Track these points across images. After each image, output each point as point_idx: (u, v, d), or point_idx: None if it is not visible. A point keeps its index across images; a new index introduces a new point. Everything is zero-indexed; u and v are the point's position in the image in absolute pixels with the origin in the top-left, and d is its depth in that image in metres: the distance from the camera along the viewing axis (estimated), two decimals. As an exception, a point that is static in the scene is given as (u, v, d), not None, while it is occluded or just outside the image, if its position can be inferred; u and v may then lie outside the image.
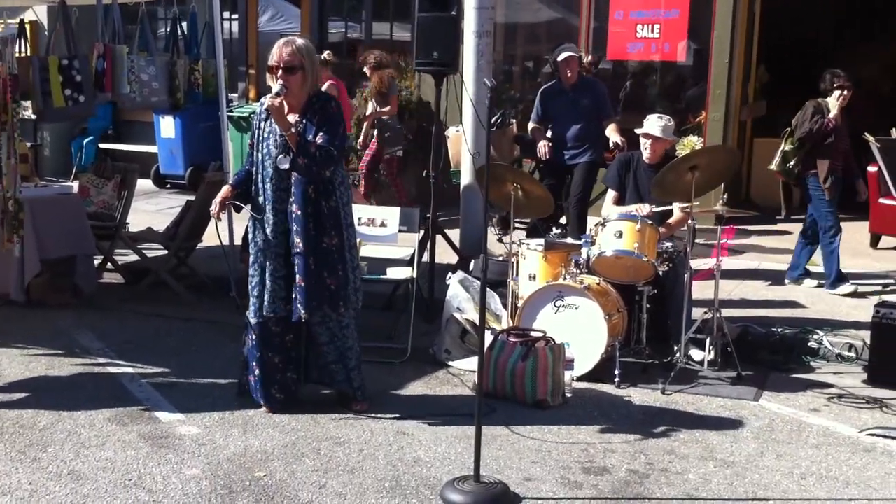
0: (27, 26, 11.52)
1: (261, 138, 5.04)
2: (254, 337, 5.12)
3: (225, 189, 5.16)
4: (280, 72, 4.86)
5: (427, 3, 7.12)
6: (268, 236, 5.01)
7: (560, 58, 8.03)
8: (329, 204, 4.96)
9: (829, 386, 5.73)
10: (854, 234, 9.46)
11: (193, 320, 6.94)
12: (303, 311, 4.98)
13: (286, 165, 4.89)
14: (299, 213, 4.92)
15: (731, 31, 9.88)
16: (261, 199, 5.02)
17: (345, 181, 5.09)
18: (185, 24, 8.72)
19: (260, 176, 5.02)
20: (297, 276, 4.96)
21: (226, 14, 12.34)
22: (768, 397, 5.54)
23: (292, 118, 4.91)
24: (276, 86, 4.85)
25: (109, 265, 7.93)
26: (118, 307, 7.25)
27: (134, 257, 7.89)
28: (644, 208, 6.21)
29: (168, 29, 9.53)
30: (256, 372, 5.16)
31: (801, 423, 5.17)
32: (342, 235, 5.02)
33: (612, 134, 7.96)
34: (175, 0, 8.41)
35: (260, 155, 5.03)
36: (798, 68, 13.68)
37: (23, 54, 6.53)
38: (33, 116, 7.04)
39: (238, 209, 5.25)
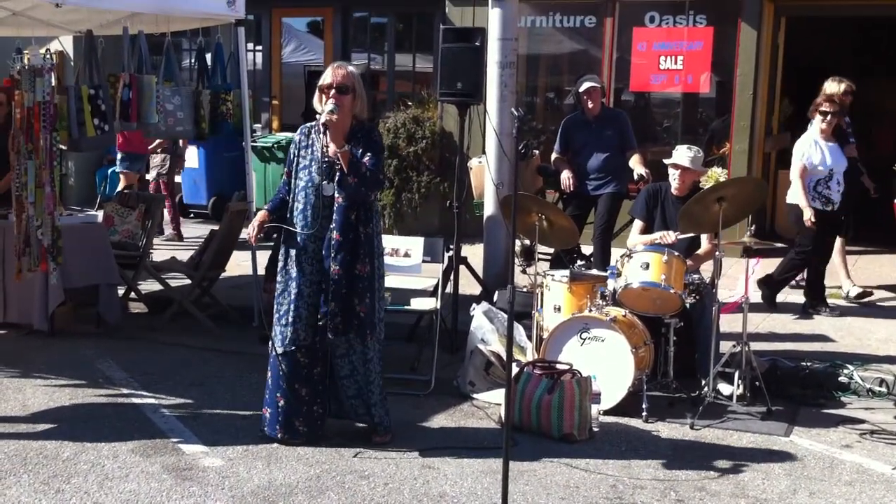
0: (53, 56, 11.63)
1: (300, 166, 5.04)
2: (281, 367, 5.08)
3: (262, 214, 5.13)
4: (333, 90, 4.90)
5: (451, 35, 7.15)
6: (304, 265, 4.99)
7: (582, 88, 8.02)
8: (366, 231, 4.99)
9: (861, 421, 5.63)
10: (882, 266, 9.39)
11: (217, 350, 6.92)
12: (331, 336, 4.96)
13: (331, 192, 4.92)
14: (340, 239, 4.92)
15: (754, 63, 9.86)
16: (299, 227, 5.01)
17: (378, 211, 5.12)
18: (209, 55, 8.75)
19: (299, 204, 5.01)
20: (332, 303, 4.93)
21: (250, 45, 12.42)
22: (799, 433, 5.45)
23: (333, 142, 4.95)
24: (328, 104, 4.88)
25: (133, 295, 7.94)
26: (142, 337, 7.24)
27: (157, 287, 7.88)
28: (670, 236, 6.16)
29: (193, 59, 9.59)
30: (280, 403, 5.10)
31: (834, 460, 5.07)
32: (374, 264, 5.02)
33: (637, 166, 7.93)
34: (200, 31, 8.46)
35: (301, 182, 5.02)
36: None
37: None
38: (63, 147, 7.07)
39: (276, 234, 5.23)
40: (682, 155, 6.43)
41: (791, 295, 8.33)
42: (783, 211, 10.88)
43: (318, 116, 4.94)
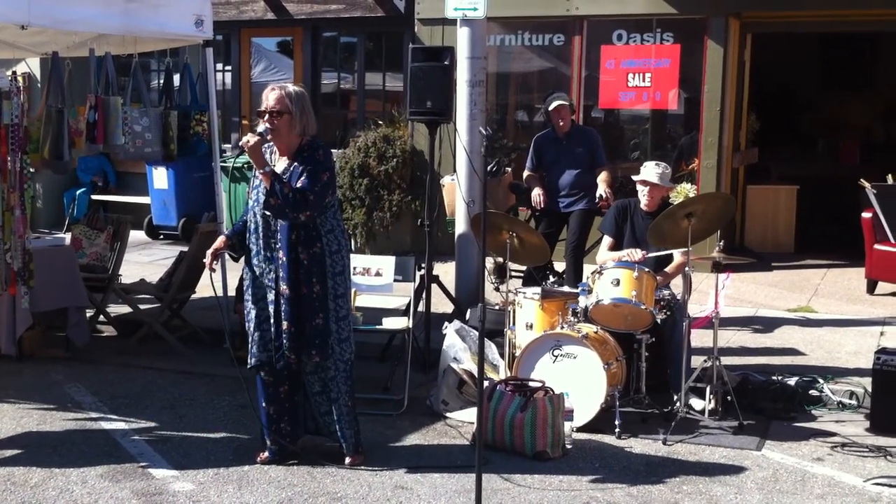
0: (20, 78, 11.52)
1: (254, 185, 5.05)
2: (256, 384, 5.13)
3: (219, 240, 5.18)
4: (267, 115, 4.92)
5: (420, 54, 7.17)
6: (255, 286, 5.02)
7: (551, 107, 8.02)
8: (312, 251, 4.93)
9: (832, 434, 5.65)
10: (850, 279, 9.47)
11: (187, 373, 6.86)
12: (289, 356, 4.93)
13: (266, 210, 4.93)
14: (285, 259, 4.90)
15: (721, 79, 9.94)
16: (253, 247, 5.03)
17: (335, 230, 5.01)
18: (177, 76, 8.70)
19: (251, 224, 5.04)
20: (284, 322, 4.93)
21: (219, 65, 12.38)
22: (771, 446, 5.47)
23: (284, 163, 4.97)
24: (259, 127, 4.91)
25: (102, 317, 7.86)
26: (111, 360, 7.16)
27: (127, 309, 7.81)
28: (637, 254, 6.18)
29: (161, 80, 9.54)
30: (263, 418, 5.17)
31: (806, 473, 5.09)
32: (325, 284, 4.96)
33: (600, 183, 7.90)
34: (168, 52, 8.42)
35: (250, 202, 5.06)
36: (785, 116, 13.83)
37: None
38: (32, 169, 7.00)
39: (234, 259, 5.25)
40: (650, 171, 6.46)
41: (762, 309, 8.38)
42: (752, 226, 11.02)
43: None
